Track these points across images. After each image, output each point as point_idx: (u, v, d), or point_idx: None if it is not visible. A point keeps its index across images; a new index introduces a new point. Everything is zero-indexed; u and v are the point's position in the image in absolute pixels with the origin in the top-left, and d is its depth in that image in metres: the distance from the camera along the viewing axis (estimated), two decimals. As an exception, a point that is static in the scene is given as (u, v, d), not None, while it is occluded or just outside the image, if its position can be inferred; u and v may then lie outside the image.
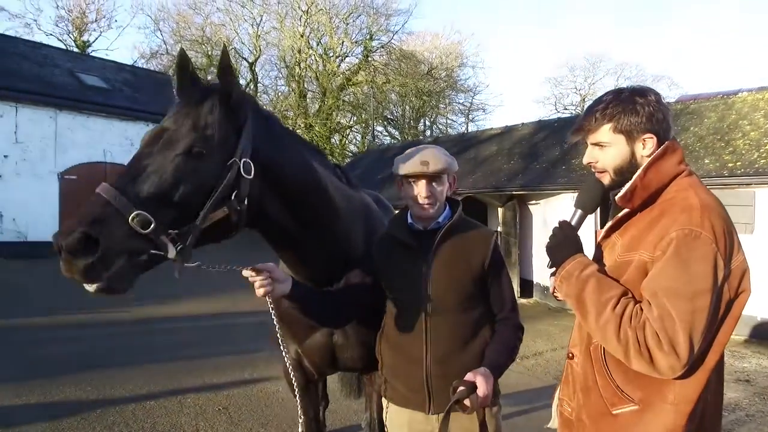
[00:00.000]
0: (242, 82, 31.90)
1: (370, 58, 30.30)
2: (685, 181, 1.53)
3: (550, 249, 1.66)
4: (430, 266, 1.88)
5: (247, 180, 1.72)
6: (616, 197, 1.56)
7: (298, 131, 28.92)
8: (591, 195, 1.70)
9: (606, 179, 1.62)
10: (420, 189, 1.89)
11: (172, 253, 1.54)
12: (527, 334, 2.06)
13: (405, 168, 1.90)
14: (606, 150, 1.59)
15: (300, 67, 29.92)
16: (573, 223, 1.69)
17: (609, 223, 1.64)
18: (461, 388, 1.68)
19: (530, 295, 11.79)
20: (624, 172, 1.57)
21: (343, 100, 30.84)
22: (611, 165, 1.59)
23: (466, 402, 1.67)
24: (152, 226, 1.50)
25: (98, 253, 1.41)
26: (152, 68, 27.41)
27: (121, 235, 1.46)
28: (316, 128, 28.53)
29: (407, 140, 27.12)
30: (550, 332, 8.38)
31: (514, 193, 11.86)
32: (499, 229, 12.51)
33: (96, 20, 32.96)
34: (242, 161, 1.71)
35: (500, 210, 12.59)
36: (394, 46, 30.60)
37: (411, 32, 39.47)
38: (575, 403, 1.66)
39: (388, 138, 32.16)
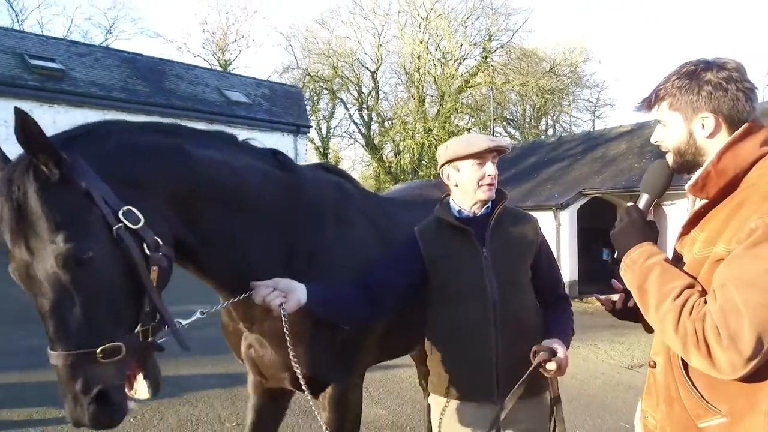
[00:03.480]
0: (365, 90, 33.47)
1: (488, 59, 30.17)
2: None
3: (616, 235, 1.50)
4: (489, 251, 1.86)
5: (143, 225, 1.44)
6: (686, 186, 1.43)
7: (417, 136, 30.14)
8: (657, 177, 1.55)
9: (670, 160, 1.50)
10: (486, 168, 1.87)
11: (154, 340, 1.49)
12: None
13: (475, 146, 1.86)
14: (667, 129, 1.48)
15: (419, 73, 30.58)
16: (641, 208, 1.54)
17: (686, 218, 1.48)
18: (542, 352, 1.68)
19: (665, 300, 11.16)
20: (684, 154, 1.45)
21: (462, 103, 31.00)
22: (672, 145, 1.47)
23: (549, 366, 1.68)
24: (123, 347, 1.39)
25: (111, 399, 1.38)
26: (285, 82, 29.61)
27: (111, 371, 1.38)
28: (435, 132, 28.98)
29: (528, 140, 26.62)
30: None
31: (646, 192, 11.29)
32: (630, 230, 11.98)
33: (236, 40, 36.40)
34: (121, 214, 1.41)
35: (630, 211, 12.04)
36: (514, 46, 30.19)
37: (531, 30, 38.64)
38: (659, 415, 1.50)
39: (507, 139, 31.79)
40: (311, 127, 22.99)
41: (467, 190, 1.90)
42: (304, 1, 47.80)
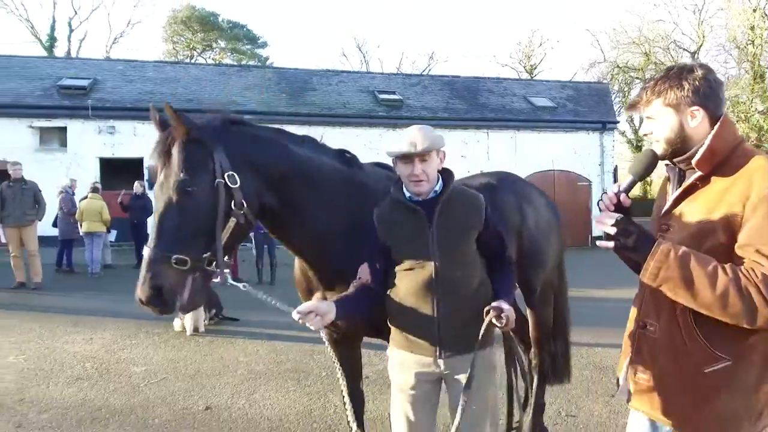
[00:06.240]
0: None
1: None
2: (746, 147, 1.63)
3: (630, 232, 1.60)
4: (436, 229, 2.04)
5: (237, 188, 2.01)
6: (693, 161, 1.62)
7: (755, 116, 25.92)
8: (644, 163, 1.73)
9: (659, 149, 1.70)
10: (411, 168, 2.02)
11: (209, 271, 1.99)
12: None
13: (396, 149, 2.04)
14: (657, 122, 1.69)
15: (753, 45, 26.44)
16: (623, 187, 1.73)
17: (676, 194, 1.70)
18: (492, 312, 1.93)
19: None
20: (674, 143, 1.66)
21: (818, 72, 25.51)
22: (662, 136, 1.68)
23: (498, 323, 1.94)
24: (189, 261, 1.91)
25: (163, 294, 1.90)
26: (591, 79, 29.47)
27: (173, 276, 1.91)
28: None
29: None
30: None
31: None
32: None
33: (541, 44, 37.65)
34: (226, 175, 2.00)
35: None
36: None
37: None
38: (655, 371, 1.69)
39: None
40: (618, 122, 22.51)
41: (404, 182, 2.11)
42: (610, -10, 45.77)
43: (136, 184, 12.31)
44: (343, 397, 2.23)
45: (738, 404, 1.57)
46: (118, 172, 16.81)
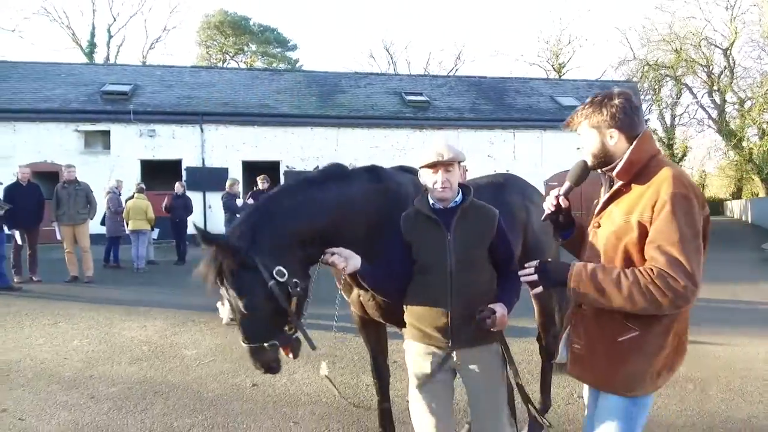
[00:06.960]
0: (716, 69, 30.15)
1: None
2: (660, 159, 1.93)
3: (547, 273, 1.97)
4: (453, 236, 2.27)
5: (287, 277, 2.28)
6: (614, 173, 1.95)
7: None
8: (579, 172, 2.10)
9: (588, 161, 2.06)
10: (437, 176, 2.26)
11: (296, 336, 2.40)
12: None
13: (424, 159, 2.28)
14: (586, 139, 2.03)
15: (788, 41, 25.93)
16: (562, 192, 2.12)
17: (605, 197, 2.03)
18: (483, 312, 2.14)
19: None
20: (598, 157, 2.00)
21: None
22: (590, 151, 2.02)
23: (488, 321, 2.13)
24: (277, 343, 2.34)
25: (271, 365, 2.39)
26: (621, 75, 29.27)
27: (271, 354, 2.36)
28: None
29: None
30: None
31: None
32: None
33: (569, 42, 37.51)
34: (275, 273, 2.26)
35: None
36: None
37: None
38: (586, 340, 2.03)
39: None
40: (647, 120, 22.40)
41: (429, 191, 2.35)
42: (640, -13, 45.14)
43: (177, 185, 12.99)
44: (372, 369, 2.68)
45: (643, 365, 1.91)
46: (158, 173, 17.66)
